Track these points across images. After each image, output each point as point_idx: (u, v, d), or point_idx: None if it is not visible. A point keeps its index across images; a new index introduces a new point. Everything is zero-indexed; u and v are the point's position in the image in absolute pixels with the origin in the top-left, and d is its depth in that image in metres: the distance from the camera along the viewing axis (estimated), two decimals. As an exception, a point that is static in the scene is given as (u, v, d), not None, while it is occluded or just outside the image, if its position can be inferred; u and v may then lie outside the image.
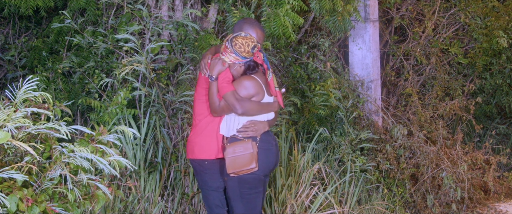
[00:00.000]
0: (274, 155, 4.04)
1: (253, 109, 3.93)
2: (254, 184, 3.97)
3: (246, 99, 3.92)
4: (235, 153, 3.92)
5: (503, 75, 7.54)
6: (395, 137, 6.03)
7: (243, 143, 3.93)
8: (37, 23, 6.37)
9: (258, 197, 4.03)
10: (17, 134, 3.03)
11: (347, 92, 5.99)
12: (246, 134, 3.95)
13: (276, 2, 5.10)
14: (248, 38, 3.90)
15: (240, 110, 3.89)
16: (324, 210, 5.08)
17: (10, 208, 2.86)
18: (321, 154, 5.76)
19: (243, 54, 3.88)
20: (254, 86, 3.95)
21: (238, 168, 3.91)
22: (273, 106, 4.03)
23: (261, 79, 4.00)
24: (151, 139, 5.09)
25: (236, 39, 3.89)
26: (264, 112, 3.98)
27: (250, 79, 3.96)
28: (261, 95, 3.96)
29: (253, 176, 3.95)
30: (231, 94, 3.91)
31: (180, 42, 5.42)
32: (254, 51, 3.90)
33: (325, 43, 6.27)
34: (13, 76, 6.08)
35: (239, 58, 3.90)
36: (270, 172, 4.06)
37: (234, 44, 3.88)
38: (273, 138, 4.10)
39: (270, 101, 4.02)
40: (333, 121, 6.00)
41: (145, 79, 5.27)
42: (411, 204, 5.97)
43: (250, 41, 3.89)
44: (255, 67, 3.99)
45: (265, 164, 3.97)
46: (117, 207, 4.66)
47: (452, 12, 7.15)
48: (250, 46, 3.88)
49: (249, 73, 3.98)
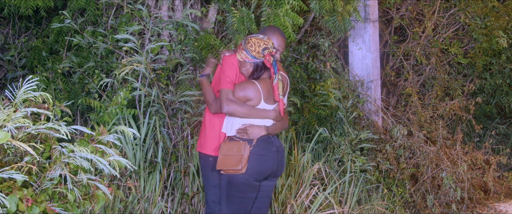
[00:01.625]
0: (270, 160, 4.00)
1: (239, 111, 3.93)
2: (242, 187, 3.95)
3: (237, 101, 3.93)
4: (228, 152, 3.94)
5: (503, 75, 7.54)
6: (395, 137, 6.03)
7: (237, 144, 3.95)
8: (37, 23, 6.37)
9: (244, 202, 3.99)
10: (17, 134, 3.03)
11: (347, 92, 5.99)
12: (242, 135, 3.96)
13: (276, 2, 5.10)
14: (262, 40, 3.94)
15: (225, 108, 3.92)
16: (324, 210, 5.08)
17: (10, 208, 2.86)
18: (321, 154, 5.76)
19: (253, 53, 3.92)
20: (251, 90, 3.95)
21: (226, 167, 3.93)
22: (268, 114, 3.99)
23: (263, 85, 3.99)
24: (151, 139, 5.09)
25: (251, 38, 3.95)
26: (253, 117, 3.97)
27: (250, 83, 3.98)
28: (256, 101, 3.96)
29: (242, 180, 3.93)
30: (224, 92, 3.94)
31: (180, 42, 5.42)
32: (264, 53, 3.92)
33: (325, 43, 6.27)
34: (13, 77, 6.08)
35: (249, 57, 3.94)
36: (266, 177, 4.04)
37: (247, 42, 3.94)
38: (275, 144, 4.05)
39: (265, 108, 3.99)
40: (333, 121, 6.00)
41: (145, 79, 5.27)
42: (411, 204, 5.97)
43: (263, 43, 3.93)
44: (263, 69, 3.99)
45: (256, 169, 3.94)
46: (117, 207, 4.66)
47: (452, 12, 7.15)
48: (261, 47, 3.91)
49: (256, 74, 3.99)
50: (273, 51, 3.98)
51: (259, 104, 3.97)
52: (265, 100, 3.98)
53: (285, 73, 4.19)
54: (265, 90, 3.98)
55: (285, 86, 4.14)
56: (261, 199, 4.10)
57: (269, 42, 3.97)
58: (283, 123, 4.13)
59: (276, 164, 4.04)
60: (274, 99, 4.01)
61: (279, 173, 4.13)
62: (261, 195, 4.08)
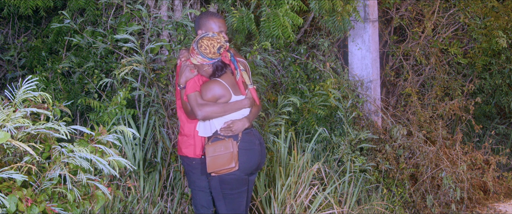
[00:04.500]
0: (256, 154, 4.01)
1: (214, 111, 3.91)
2: (236, 184, 3.97)
3: (208, 103, 3.90)
4: (215, 152, 3.91)
5: (502, 76, 7.54)
6: (395, 137, 6.03)
7: (223, 142, 3.92)
8: (36, 23, 6.37)
9: (241, 197, 4.01)
10: (16, 134, 3.03)
11: (347, 92, 5.99)
12: (226, 132, 3.94)
13: (276, 2, 5.10)
14: (214, 39, 3.88)
15: (200, 114, 3.89)
16: (323, 210, 5.08)
17: (10, 208, 2.86)
18: (321, 154, 5.76)
19: (209, 55, 3.86)
20: (218, 88, 3.92)
21: (218, 168, 3.90)
22: (243, 103, 3.97)
23: (228, 80, 3.97)
24: (150, 139, 5.09)
25: (202, 40, 3.88)
26: (231, 111, 3.95)
27: (214, 82, 3.94)
28: (227, 97, 3.94)
29: (234, 177, 3.94)
30: (193, 98, 3.90)
31: (179, 42, 5.42)
32: (220, 51, 3.88)
33: (324, 43, 6.27)
34: (13, 76, 6.08)
35: (206, 60, 3.88)
36: (253, 171, 4.05)
37: (200, 45, 3.87)
38: (258, 137, 4.07)
39: (237, 100, 3.98)
40: (332, 121, 6.00)
41: (145, 79, 5.27)
42: (411, 204, 5.97)
43: (216, 42, 3.87)
44: (223, 68, 3.96)
45: (246, 164, 3.96)
46: (116, 207, 4.66)
47: (452, 12, 7.15)
48: (216, 47, 3.86)
49: (218, 74, 3.95)
50: (227, 45, 3.92)
51: (231, 99, 3.95)
52: (235, 93, 3.96)
53: (242, 59, 4.13)
54: (231, 84, 3.96)
55: (248, 72, 4.08)
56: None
57: (220, 37, 3.91)
58: (258, 108, 4.12)
59: (261, 157, 4.06)
60: (240, 91, 3.99)
61: (261, 166, 4.14)
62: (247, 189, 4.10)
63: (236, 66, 3.94)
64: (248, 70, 4.09)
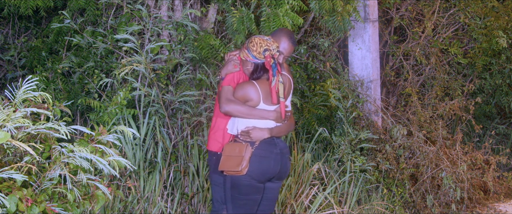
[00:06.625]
0: (272, 162, 3.95)
1: (238, 111, 3.91)
2: (245, 190, 3.93)
3: (236, 100, 3.92)
4: (230, 153, 3.92)
5: (502, 76, 7.54)
6: (395, 137, 6.03)
7: (239, 145, 3.92)
8: (36, 23, 6.37)
9: (249, 204, 3.97)
10: (16, 134, 3.03)
11: (347, 92, 5.99)
12: (245, 137, 3.94)
13: (276, 2, 5.10)
14: (265, 41, 3.92)
15: (224, 107, 3.91)
16: (323, 210, 5.08)
17: (10, 208, 2.86)
18: (321, 154, 5.76)
19: (253, 53, 3.90)
20: (251, 90, 3.92)
21: (227, 168, 3.91)
22: (268, 114, 3.95)
23: (263, 87, 3.96)
24: (150, 139, 5.09)
25: (255, 38, 3.94)
26: (253, 117, 3.93)
27: (249, 83, 3.96)
28: (255, 102, 3.93)
29: (245, 182, 3.91)
30: (225, 90, 3.94)
31: (179, 42, 5.42)
32: (265, 54, 3.89)
33: (324, 43, 6.27)
34: (13, 76, 6.09)
35: (249, 56, 3.92)
36: (267, 179, 3.99)
37: (250, 41, 3.93)
38: (280, 146, 4.01)
39: (265, 109, 3.96)
40: (332, 121, 6.00)
41: (145, 79, 5.27)
42: (411, 204, 5.97)
43: (265, 44, 3.90)
44: (261, 71, 3.96)
45: (257, 170, 3.91)
46: (116, 207, 4.66)
47: (452, 12, 7.16)
48: (263, 48, 3.89)
49: (256, 75, 3.97)
50: (276, 53, 3.93)
51: (259, 105, 3.96)
52: (264, 102, 3.95)
53: (290, 75, 4.15)
54: (264, 91, 3.95)
55: (288, 88, 4.08)
56: (265, 202, 4.05)
57: (273, 44, 3.93)
58: (289, 125, 4.08)
59: (280, 166, 3.99)
60: (272, 100, 3.99)
61: (283, 176, 4.07)
62: (265, 197, 4.04)
63: (274, 73, 3.93)
64: (287, 88, 4.08)
